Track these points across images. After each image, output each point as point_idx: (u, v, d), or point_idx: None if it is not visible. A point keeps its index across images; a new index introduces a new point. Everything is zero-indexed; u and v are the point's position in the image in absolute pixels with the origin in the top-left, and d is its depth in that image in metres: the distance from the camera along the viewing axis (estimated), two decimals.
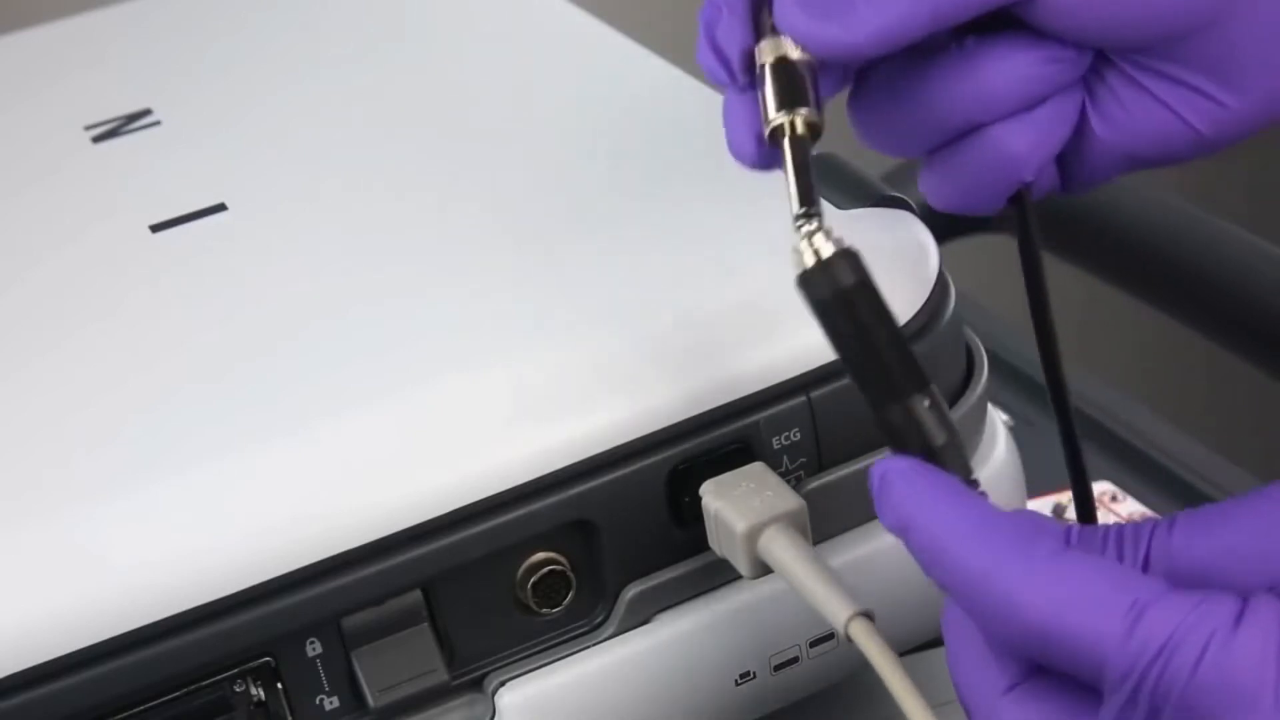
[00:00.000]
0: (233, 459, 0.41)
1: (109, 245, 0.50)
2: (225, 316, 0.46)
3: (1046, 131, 0.39)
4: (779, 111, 0.38)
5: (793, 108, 0.38)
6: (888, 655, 0.36)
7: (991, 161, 0.39)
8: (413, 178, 0.51)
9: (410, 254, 0.47)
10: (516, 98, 0.56)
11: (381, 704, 0.41)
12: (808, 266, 0.36)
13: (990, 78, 0.38)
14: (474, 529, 0.41)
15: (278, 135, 0.56)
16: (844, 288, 0.36)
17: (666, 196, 0.48)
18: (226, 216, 0.51)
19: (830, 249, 0.36)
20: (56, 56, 0.66)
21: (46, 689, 0.38)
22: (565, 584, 0.42)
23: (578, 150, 0.52)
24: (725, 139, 0.39)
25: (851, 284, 0.36)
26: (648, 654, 0.43)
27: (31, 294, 0.49)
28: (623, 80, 0.56)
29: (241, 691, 0.40)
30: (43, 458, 0.42)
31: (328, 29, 0.63)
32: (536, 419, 0.41)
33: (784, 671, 0.45)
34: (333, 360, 0.43)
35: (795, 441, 0.43)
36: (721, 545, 0.41)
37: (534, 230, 0.48)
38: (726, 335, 0.43)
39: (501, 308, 0.44)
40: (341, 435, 0.41)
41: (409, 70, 0.59)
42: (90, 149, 0.57)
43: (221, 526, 0.40)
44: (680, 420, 0.42)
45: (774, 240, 0.45)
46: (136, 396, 0.43)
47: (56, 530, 0.39)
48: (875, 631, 0.36)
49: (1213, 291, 0.67)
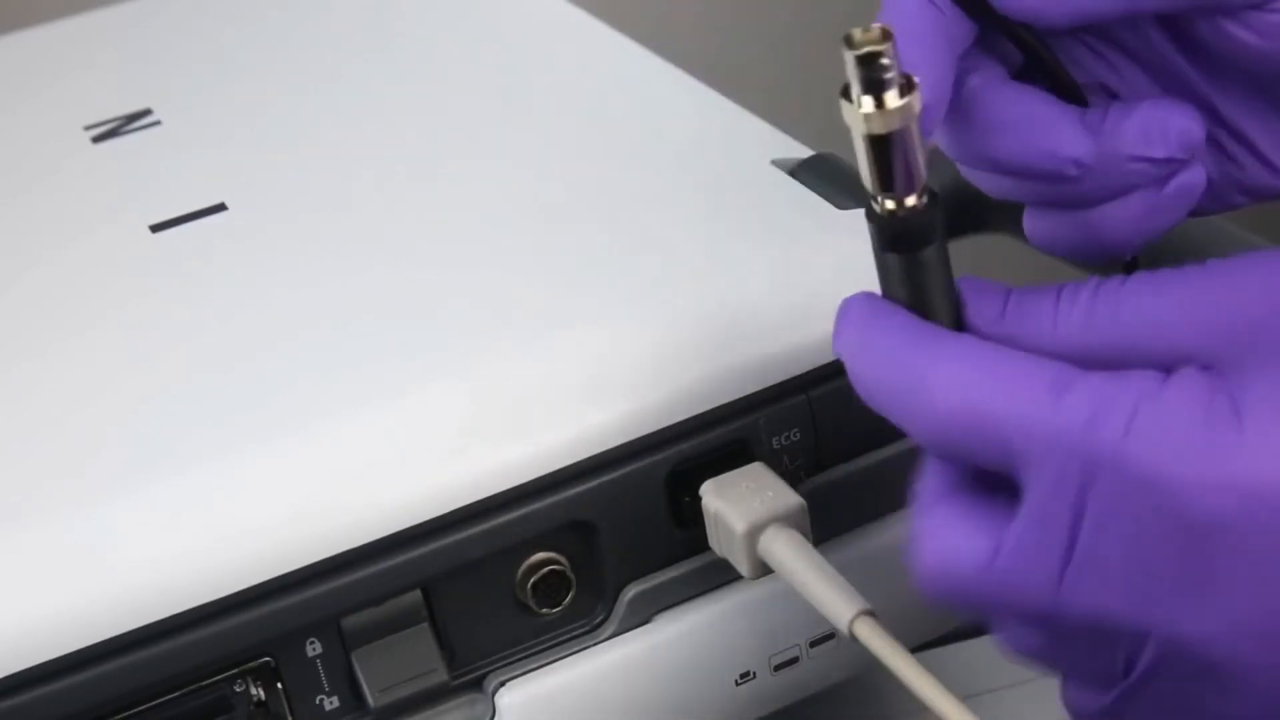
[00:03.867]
0: (233, 459, 0.41)
1: (109, 245, 0.50)
2: (225, 316, 0.46)
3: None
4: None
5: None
6: (896, 649, 0.35)
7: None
8: (412, 177, 0.51)
9: (410, 253, 0.47)
10: (517, 98, 0.55)
11: (381, 704, 0.41)
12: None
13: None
14: (474, 529, 0.41)
15: (278, 135, 0.56)
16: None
17: (666, 196, 0.48)
18: (226, 216, 0.51)
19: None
20: (56, 56, 0.66)
21: (46, 689, 0.38)
22: (565, 584, 0.42)
23: (578, 150, 0.52)
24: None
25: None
26: (648, 654, 0.43)
27: (31, 294, 0.49)
28: (623, 81, 0.56)
29: (241, 691, 0.40)
30: (42, 457, 0.42)
31: (328, 29, 0.63)
32: (536, 419, 0.41)
33: (784, 671, 0.45)
34: (333, 360, 0.43)
35: (795, 441, 0.43)
36: (721, 545, 0.41)
37: (534, 230, 0.48)
38: (726, 335, 0.43)
39: (501, 307, 0.44)
40: (341, 435, 0.41)
41: (409, 70, 0.59)
42: (90, 149, 0.57)
43: (221, 526, 0.40)
44: (680, 420, 0.42)
45: (774, 240, 0.45)
46: (136, 396, 0.43)
47: (56, 530, 0.39)
48: (881, 628, 0.36)
49: None
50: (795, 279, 0.44)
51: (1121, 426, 0.32)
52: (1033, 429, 0.32)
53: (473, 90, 0.56)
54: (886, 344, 0.35)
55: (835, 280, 0.44)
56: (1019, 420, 0.32)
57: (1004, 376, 0.33)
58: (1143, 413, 0.31)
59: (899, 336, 0.35)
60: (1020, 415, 0.32)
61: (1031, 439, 0.32)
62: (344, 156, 0.53)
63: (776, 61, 1.17)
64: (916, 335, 0.35)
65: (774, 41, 1.17)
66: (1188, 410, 0.31)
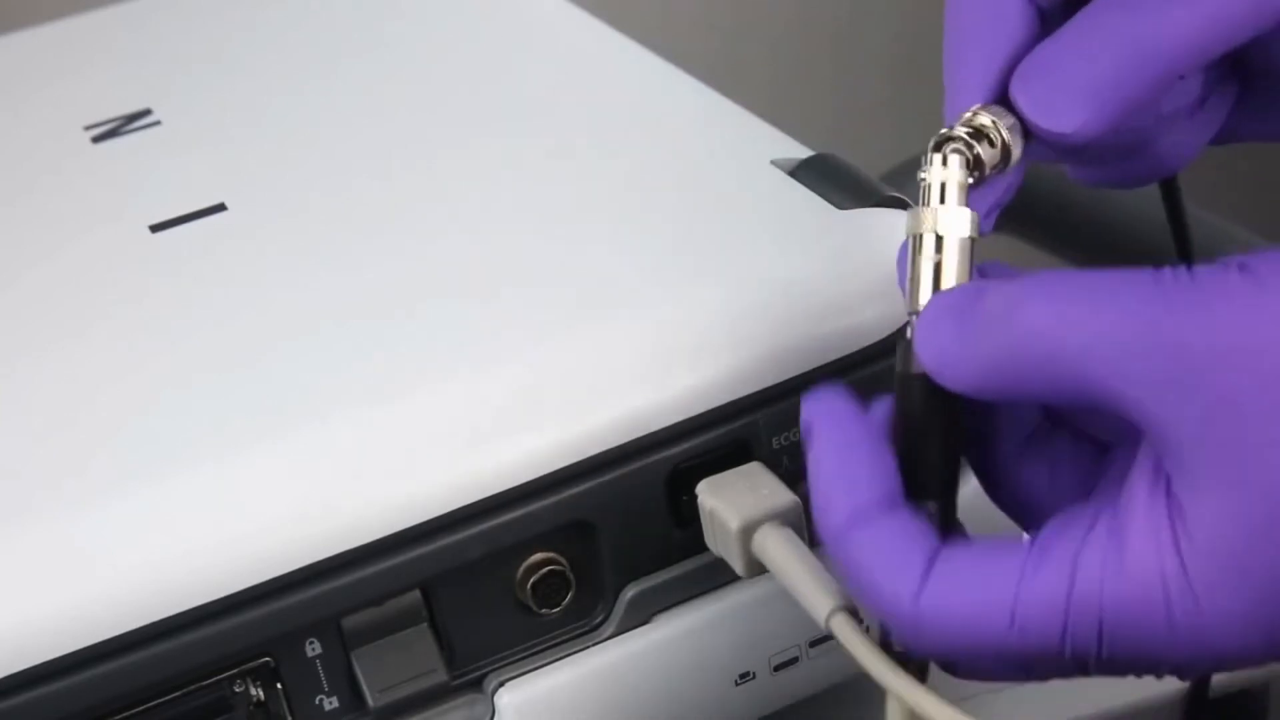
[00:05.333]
0: (232, 459, 0.41)
1: (109, 245, 0.50)
2: (225, 316, 0.46)
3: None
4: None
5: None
6: (871, 647, 0.35)
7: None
8: (412, 176, 0.51)
9: (411, 253, 0.47)
10: (516, 98, 0.55)
11: (381, 704, 0.41)
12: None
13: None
14: (473, 529, 0.41)
15: (278, 135, 0.56)
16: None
17: (665, 196, 0.48)
18: (226, 216, 0.51)
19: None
20: (56, 56, 0.66)
21: (46, 689, 0.38)
22: (565, 584, 0.42)
23: (578, 151, 0.52)
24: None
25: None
26: (647, 654, 0.43)
27: (31, 294, 0.49)
28: (623, 80, 0.56)
29: (241, 691, 0.40)
30: (43, 457, 0.42)
31: (327, 29, 0.63)
32: (536, 419, 0.41)
33: (784, 671, 0.45)
34: (333, 360, 0.43)
35: (795, 441, 0.43)
36: (717, 543, 0.41)
37: (534, 230, 0.48)
38: (725, 335, 0.43)
39: (501, 308, 0.44)
40: (341, 435, 0.41)
41: (408, 70, 0.59)
42: (90, 149, 0.57)
43: (221, 526, 0.40)
44: (679, 420, 0.42)
45: (773, 240, 0.45)
46: (136, 396, 0.43)
47: (56, 530, 0.39)
48: (857, 625, 0.36)
49: None
50: (795, 279, 0.44)
51: (1094, 640, 0.33)
52: (1014, 657, 0.34)
53: (472, 90, 0.56)
54: (851, 551, 0.35)
55: (835, 280, 0.44)
56: (998, 651, 0.34)
57: (968, 606, 0.34)
58: (1109, 620, 0.33)
59: (859, 549, 0.35)
60: (996, 651, 0.34)
61: (1016, 663, 0.34)
62: (344, 156, 0.53)
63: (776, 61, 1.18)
64: (877, 542, 0.35)
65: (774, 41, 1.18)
66: (1147, 603, 0.33)
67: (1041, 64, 0.37)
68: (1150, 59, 0.36)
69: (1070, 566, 0.33)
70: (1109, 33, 0.37)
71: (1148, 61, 0.36)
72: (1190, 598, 0.32)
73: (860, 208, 0.47)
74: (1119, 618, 0.33)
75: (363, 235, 0.49)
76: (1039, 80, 0.37)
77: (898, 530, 0.35)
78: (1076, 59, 0.37)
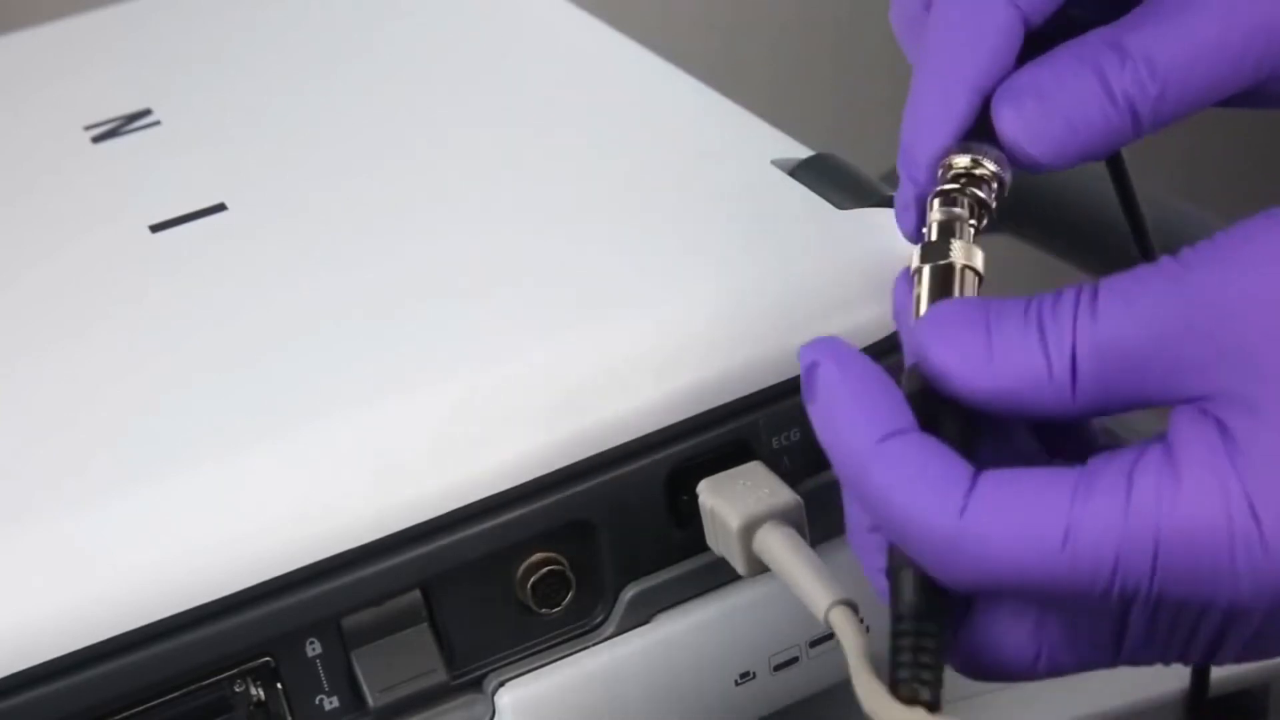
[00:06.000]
0: (232, 459, 0.41)
1: (109, 245, 0.50)
2: (225, 316, 0.46)
3: None
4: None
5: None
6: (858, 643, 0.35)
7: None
8: (412, 176, 0.51)
9: (410, 253, 0.47)
10: (516, 98, 0.55)
11: (381, 704, 0.41)
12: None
13: None
14: (473, 529, 0.41)
15: (278, 135, 0.56)
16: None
17: (665, 196, 0.48)
18: (226, 216, 0.51)
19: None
20: (56, 56, 0.66)
21: (46, 689, 0.38)
22: (565, 584, 0.42)
23: (578, 151, 0.52)
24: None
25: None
26: (647, 654, 0.43)
27: (31, 294, 0.49)
28: (623, 80, 0.56)
29: (241, 691, 0.40)
30: (43, 457, 0.42)
31: (327, 29, 0.63)
32: (536, 419, 0.41)
33: (784, 671, 0.45)
34: (333, 360, 0.43)
35: (795, 441, 0.43)
36: (718, 542, 0.41)
37: (534, 230, 0.48)
38: (726, 334, 0.43)
39: (501, 307, 0.44)
40: (341, 435, 0.41)
41: (409, 70, 0.59)
42: (90, 149, 0.57)
43: (221, 526, 0.40)
44: (679, 420, 0.42)
45: (774, 240, 0.45)
46: (136, 396, 0.43)
47: (56, 530, 0.39)
48: (855, 620, 0.36)
49: None
50: (795, 279, 0.44)
51: (1147, 567, 0.32)
52: (1061, 589, 0.32)
53: (472, 90, 0.56)
54: (882, 481, 0.34)
55: (835, 280, 0.44)
56: (1043, 578, 0.32)
57: (1018, 531, 0.32)
58: (1165, 544, 0.32)
59: (895, 478, 0.34)
60: (1043, 573, 0.32)
61: (1060, 594, 0.32)
62: (344, 156, 0.53)
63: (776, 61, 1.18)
64: (911, 471, 0.33)
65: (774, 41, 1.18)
66: (1207, 523, 0.31)
67: (1031, 88, 0.37)
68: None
69: (1125, 491, 0.32)
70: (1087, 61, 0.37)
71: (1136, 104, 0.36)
72: (1250, 517, 0.31)
73: (860, 208, 0.47)
74: (1175, 542, 0.31)
75: (362, 235, 0.49)
76: (1030, 105, 0.37)
77: (935, 448, 0.33)
78: (1069, 86, 0.37)
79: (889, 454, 0.33)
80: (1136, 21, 0.37)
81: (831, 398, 0.34)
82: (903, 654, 0.33)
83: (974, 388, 0.34)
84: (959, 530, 0.32)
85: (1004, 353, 0.33)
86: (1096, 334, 0.33)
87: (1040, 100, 0.37)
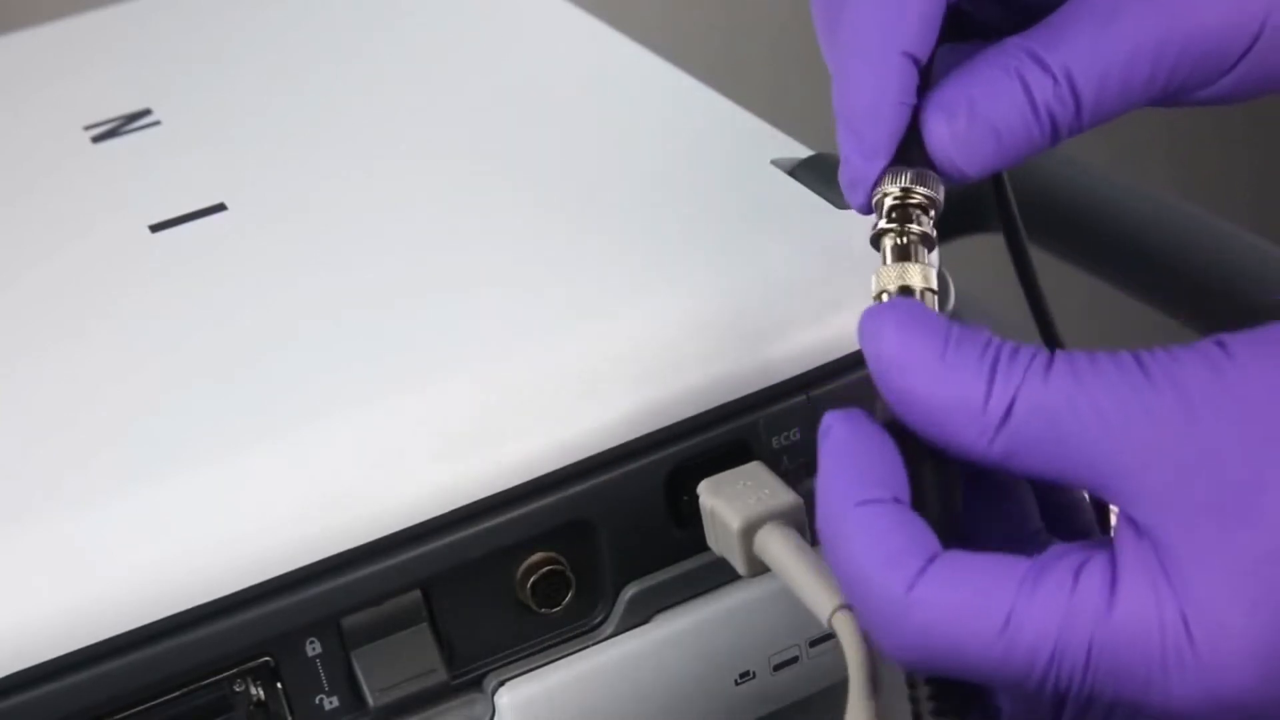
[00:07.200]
0: (232, 459, 0.41)
1: (109, 245, 0.50)
2: (225, 317, 0.46)
3: None
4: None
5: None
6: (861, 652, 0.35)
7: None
8: (412, 176, 0.51)
9: (410, 253, 0.47)
10: (516, 98, 0.55)
11: (381, 704, 0.41)
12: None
13: None
14: (473, 529, 0.41)
15: (278, 135, 0.56)
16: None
17: (665, 195, 0.48)
18: (226, 216, 0.51)
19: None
20: (56, 56, 0.66)
21: (46, 689, 0.38)
22: (565, 584, 0.42)
23: (578, 150, 0.52)
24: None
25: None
26: (647, 654, 0.43)
27: (31, 294, 0.49)
28: (622, 80, 0.56)
29: (241, 691, 0.40)
30: (43, 457, 0.42)
31: (327, 29, 0.63)
32: (536, 419, 0.41)
33: (784, 671, 0.45)
34: (333, 360, 0.43)
35: (795, 441, 0.43)
36: (719, 543, 0.41)
37: (534, 230, 0.48)
38: (726, 334, 0.43)
39: (501, 308, 0.44)
40: (341, 435, 0.41)
41: (408, 70, 0.59)
42: (90, 149, 0.57)
43: (221, 526, 0.40)
44: (680, 420, 0.42)
45: (774, 239, 0.45)
46: (136, 396, 0.43)
47: (56, 530, 0.39)
48: (857, 625, 0.36)
49: (1215, 292, 0.67)
50: (795, 279, 0.44)
51: (1080, 664, 0.32)
52: (993, 675, 0.33)
53: (472, 90, 0.56)
54: (845, 543, 0.34)
55: (835, 280, 0.44)
56: (978, 660, 0.33)
57: (964, 610, 0.33)
58: (1098, 646, 0.32)
59: (857, 541, 0.34)
60: (979, 654, 0.33)
61: (993, 679, 0.33)
62: (344, 156, 0.53)
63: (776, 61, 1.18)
64: (877, 536, 0.34)
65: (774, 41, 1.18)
66: (1140, 632, 0.32)
67: (962, 100, 0.37)
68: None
69: (1069, 590, 0.32)
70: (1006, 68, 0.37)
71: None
72: (1183, 632, 0.32)
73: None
74: (1108, 647, 0.32)
75: (362, 235, 0.49)
76: (962, 118, 0.37)
77: (903, 520, 0.34)
78: (999, 98, 0.37)
79: (859, 519, 0.34)
80: (1055, 30, 0.37)
81: (830, 457, 0.35)
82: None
83: (913, 387, 0.34)
84: (906, 604, 0.33)
85: (953, 368, 0.34)
86: (1039, 398, 0.33)
87: (971, 112, 0.37)
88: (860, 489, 0.34)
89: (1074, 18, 0.37)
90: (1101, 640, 0.32)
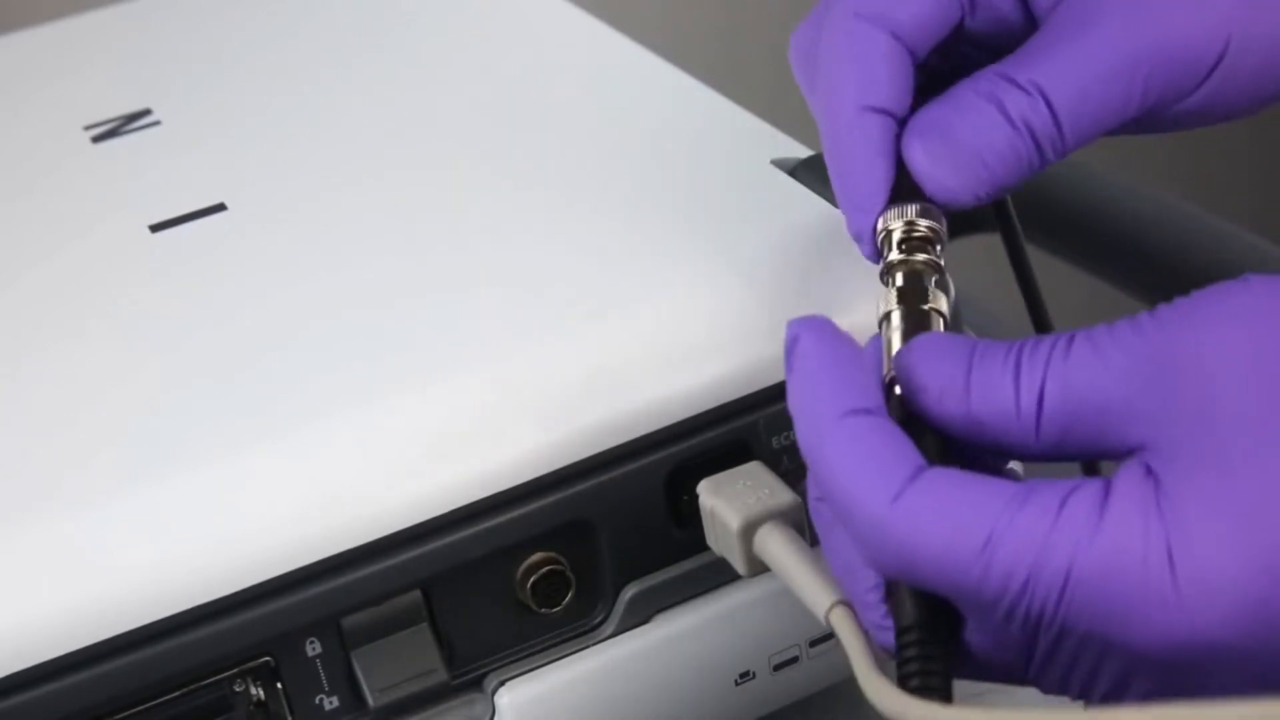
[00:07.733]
0: (232, 459, 0.41)
1: (109, 245, 0.50)
2: (225, 317, 0.46)
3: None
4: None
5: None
6: (860, 643, 0.35)
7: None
8: (412, 176, 0.51)
9: (410, 254, 0.47)
10: (516, 98, 0.55)
11: (381, 704, 0.41)
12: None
13: None
14: (473, 529, 0.41)
15: (278, 135, 0.56)
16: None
17: (665, 195, 0.48)
18: (226, 216, 0.51)
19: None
20: (56, 56, 0.66)
21: (46, 689, 0.38)
22: (564, 584, 0.42)
23: (577, 150, 0.52)
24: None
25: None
26: (647, 654, 0.43)
27: (31, 294, 0.49)
28: (623, 80, 0.56)
29: (241, 691, 0.40)
30: (42, 457, 0.42)
31: (328, 29, 0.63)
32: (536, 418, 0.41)
33: (784, 671, 0.45)
34: (333, 361, 0.43)
35: (794, 441, 0.43)
36: (718, 542, 0.41)
37: (533, 230, 0.48)
38: (726, 334, 0.43)
39: (501, 308, 0.44)
40: (341, 435, 0.41)
41: (408, 70, 0.59)
42: (90, 149, 0.57)
43: (221, 526, 0.40)
44: (679, 420, 0.42)
45: (774, 239, 0.45)
46: (136, 396, 0.43)
47: (56, 530, 0.39)
48: (855, 620, 0.36)
49: None
50: (795, 279, 0.44)
51: (1056, 591, 0.32)
52: (970, 592, 0.33)
53: (472, 90, 0.56)
54: (831, 458, 0.34)
55: (834, 280, 0.44)
56: (956, 576, 0.33)
57: (945, 525, 0.33)
58: (1077, 573, 0.32)
59: (844, 449, 0.34)
60: (957, 570, 0.33)
61: (971, 599, 0.33)
62: (344, 156, 0.53)
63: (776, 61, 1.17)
64: (862, 448, 0.34)
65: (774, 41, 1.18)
66: (1122, 561, 0.32)
67: (936, 122, 0.38)
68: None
69: (1054, 514, 0.32)
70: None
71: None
72: (1167, 565, 0.31)
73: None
74: (1088, 574, 0.32)
75: (362, 235, 0.49)
76: (936, 139, 0.38)
77: (890, 434, 0.34)
78: (970, 116, 0.38)
79: (846, 429, 0.34)
80: (1028, 54, 0.38)
81: (806, 369, 0.35)
82: (909, 664, 0.33)
83: (949, 413, 0.35)
84: (889, 515, 0.33)
85: (980, 384, 0.34)
86: (1065, 375, 0.34)
87: (945, 132, 0.38)
88: (843, 399, 0.34)
89: (1045, 42, 0.38)
90: (1082, 566, 0.32)
